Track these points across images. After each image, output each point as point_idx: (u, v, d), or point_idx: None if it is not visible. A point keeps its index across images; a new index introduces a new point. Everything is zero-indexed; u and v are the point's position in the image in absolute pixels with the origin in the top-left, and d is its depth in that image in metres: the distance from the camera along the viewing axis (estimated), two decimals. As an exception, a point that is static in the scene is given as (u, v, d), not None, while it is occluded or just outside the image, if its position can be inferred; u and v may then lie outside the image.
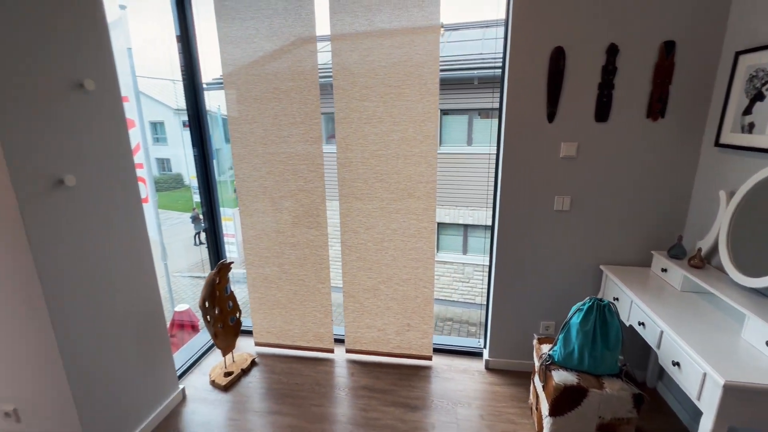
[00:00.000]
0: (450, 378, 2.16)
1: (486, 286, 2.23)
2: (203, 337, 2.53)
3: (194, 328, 3.76)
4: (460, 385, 2.09)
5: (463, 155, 6.81)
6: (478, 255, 7.21)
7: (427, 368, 2.25)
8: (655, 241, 1.89)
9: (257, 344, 2.45)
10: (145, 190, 5.01)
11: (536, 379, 1.76)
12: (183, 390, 2.03)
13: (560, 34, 1.72)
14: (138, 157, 4.90)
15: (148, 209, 5.44)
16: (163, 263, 6.63)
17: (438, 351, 2.37)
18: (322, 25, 1.88)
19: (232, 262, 2.12)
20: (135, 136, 4.83)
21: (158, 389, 1.86)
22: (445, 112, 6.78)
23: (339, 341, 2.42)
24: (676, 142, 1.77)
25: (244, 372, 2.22)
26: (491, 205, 2.14)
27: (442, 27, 7.32)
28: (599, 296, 1.90)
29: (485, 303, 2.25)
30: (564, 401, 1.51)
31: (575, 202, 1.91)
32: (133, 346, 1.70)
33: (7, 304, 1.36)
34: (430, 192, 2.01)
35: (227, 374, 2.15)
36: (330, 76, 1.93)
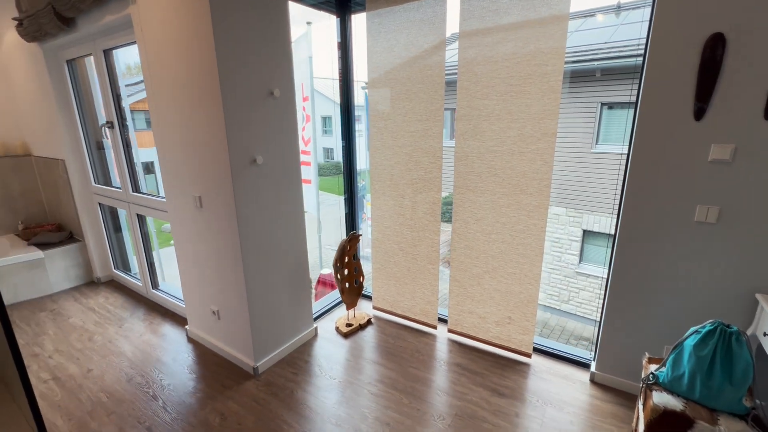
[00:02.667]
0: (547, 379, 2.13)
1: (603, 297, 2.09)
2: (335, 294, 3.12)
3: (333, 287, 4.54)
4: (555, 388, 2.06)
5: (624, 155, 5.93)
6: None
7: (524, 365, 2.26)
8: None
9: (374, 308, 2.88)
10: (310, 173, 6.15)
11: (640, 399, 1.62)
12: (316, 329, 2.60)
13: (721, 17, 1.49)
14: (309, 146, 6.04)
15: (311, 190, 6.63)
16: (318, 235, 7.96)
17: (540, 351, 2.34)
18: (451, 29, 2.09)
19: (361, 234, 2.57)
20: (310, 129, 5.97)
21: (299, 323, 2.46)
22: (609, 107, 6.01)
23: (442, 321, 2.64)
24: None
25: (361, 327, 2.67)
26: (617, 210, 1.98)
27: (619, 6, 6.41)
28: (752, 330, 1.59)
29: (600, 313, 2.11)
30: (662, 426, 1.39)
31: (725, 215, 1.62)
32: (285, 287, 2.30)
33: (223, 240, 2.07)
34: (543, 189, 2.00)
35: (348, 325, 2.63)
36: (454, 73, 2.12)
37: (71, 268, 3.37)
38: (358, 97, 2.87)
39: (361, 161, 3.05)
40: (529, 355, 2.28)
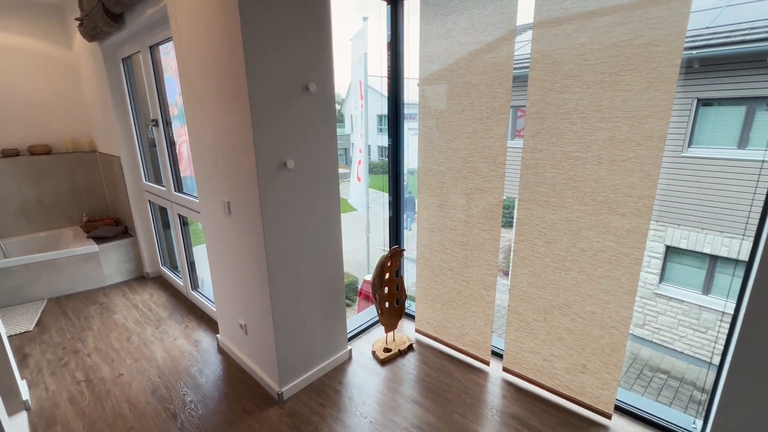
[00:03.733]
0: (633, 453, 1.66)
1: (724, 344, 1.57)
2: (374, 310, 2.83)
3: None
4: (646, 469, 1.58)
5: (727, 161, 5.01)
6: (725, 299, 5.28)
7: (602, 427, 1.79)
8: None
9: (417, 331, 2.55)
10: (361, 172, 5.95)
11: None
12: (350, 351, 2.33)
13: None
14: (361, 144, 5.87)
15: (361, 188, 6.44)
16: (366, 236, 7.76)
17: (623, 411, 1.86)
18: (522, 13, 1.68)
19: (404, 250, 2.25)
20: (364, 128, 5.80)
21: (331, 345, 2.20)
22: (706, 103, 5.09)
23: (496, 355, 2.24)
24: None
25: (401, 353, 2.35)
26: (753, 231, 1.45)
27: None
28: None
29: (717, 367, 1.59)
30: None
31: None
32: (317, 306, 2.05)
33: (249, 251, 1.87)
34: (643, 210, 1.53)
35: (386, 350, 2.33)
36: (524, 67, 1.71)
37: (123, 263, 3.46)
38: (414, 95, 2.54)
39: (413, 161, 2.72)
40: (609, 416, 1.81)
